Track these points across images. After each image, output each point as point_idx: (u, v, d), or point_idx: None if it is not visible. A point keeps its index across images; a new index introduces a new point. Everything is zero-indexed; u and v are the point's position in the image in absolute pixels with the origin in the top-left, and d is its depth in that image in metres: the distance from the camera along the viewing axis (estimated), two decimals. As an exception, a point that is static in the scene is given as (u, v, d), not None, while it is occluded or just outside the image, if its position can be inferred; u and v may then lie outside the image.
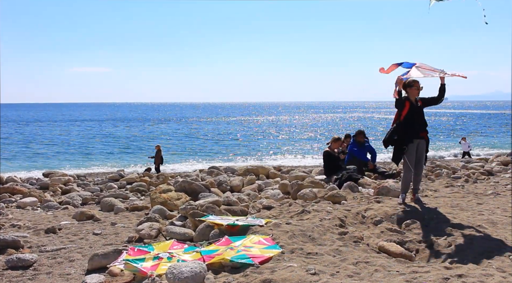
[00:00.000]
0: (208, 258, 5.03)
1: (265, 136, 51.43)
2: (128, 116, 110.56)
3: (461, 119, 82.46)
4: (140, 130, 61.20)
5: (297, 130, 60.41)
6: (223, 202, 8.36)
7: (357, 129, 12.31)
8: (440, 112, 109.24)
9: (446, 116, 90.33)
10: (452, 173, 11.61)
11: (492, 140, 42.42)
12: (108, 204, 10.23)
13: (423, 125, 7.24)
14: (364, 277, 4.30)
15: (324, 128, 63.78)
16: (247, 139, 47.64)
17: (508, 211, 7.00)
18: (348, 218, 6.56)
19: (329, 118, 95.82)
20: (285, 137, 49.84)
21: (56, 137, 48.32)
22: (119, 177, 17.69)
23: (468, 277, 4.14)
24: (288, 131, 59.91)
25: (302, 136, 50.92)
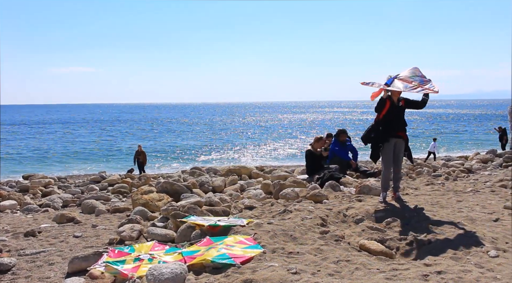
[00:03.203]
0: (190, 259, 5.01)
1: (248, 136, 51.44)
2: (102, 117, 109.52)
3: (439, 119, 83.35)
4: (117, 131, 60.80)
5: (281, 130, 60.52)
6: (205, 202, 8.34)
7: (339, 128, 12.34)
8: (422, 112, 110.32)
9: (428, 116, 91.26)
10: (433, 171, 11.72)
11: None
12: (89, 206, 10.15)
13: (402, 124, 7.31)
14: (344, 275, 4.32)
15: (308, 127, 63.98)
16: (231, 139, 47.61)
17: (487, 208, 7.10)
18: (329, 217, 6.58)
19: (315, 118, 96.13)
20: (269, 137, 49.91)
21: (31, 140, 47.76)
22: (101, 179, 17.56)
23: (447, 274, 4.19)
24: (272, 130, 60.00)
25: (286, 136, 51.04)
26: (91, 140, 47.83)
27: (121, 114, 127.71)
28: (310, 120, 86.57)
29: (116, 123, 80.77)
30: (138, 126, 72.39)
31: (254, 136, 51.68)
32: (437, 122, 71.92)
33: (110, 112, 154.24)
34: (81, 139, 48.47)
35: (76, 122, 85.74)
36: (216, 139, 47.99)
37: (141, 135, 53.50)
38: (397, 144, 7.31)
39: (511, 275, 4.14)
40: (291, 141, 45.45)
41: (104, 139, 49.11)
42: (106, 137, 51.01)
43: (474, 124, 66.31)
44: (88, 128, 67.41)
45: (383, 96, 7.15)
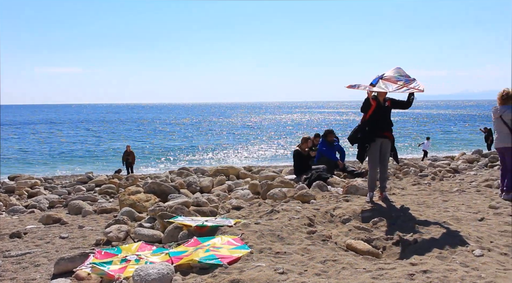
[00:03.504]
0: (177, 260, 4.99)
1: (236, 136, 51.43)
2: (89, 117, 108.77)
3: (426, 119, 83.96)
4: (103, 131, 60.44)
5: (269, 130, 60.59)
6: (193, 203, 8.32)
7: (327, 129, 12.38)
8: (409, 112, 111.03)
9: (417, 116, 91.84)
10: (420, 171, 11.79)
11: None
12: (75, 207, 10.08)
13: (388, 124, 7.36)
14: (331, 275, 4.34)
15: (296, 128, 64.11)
16: (219, 139, 47.57)
17: (472, 207, 7.16)
18: (317, 217, 6.60)
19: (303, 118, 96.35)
20: (257, 137, 49.94)
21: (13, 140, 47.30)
22: (88, 180, 17.46)
23: (433, 273, 4.22)
24: (260, 131, 60.03)
25: (274, 136, 51.10)
26: (77, 140, 47.52)
27: (108, 115, 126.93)
28: (298, 120, 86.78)
29: (103, 124, 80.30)
30: (125, 127, 72.06)
31: (242, 137, 51.67)
32: (424, 123, 72.41)
33: (97, 112, 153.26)
34: (67, 140, 48.12)
35: (62, 123, 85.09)
36: (204, 140, 47.91)
37: (128, 136, 53.25)
38: (383, 144, 7.36)
39: (495, 274, 4.18)
40: (279, 141, 45.52)
41: (90, 139, 48.80)
42: (93, 138, 50.70)
43: (461, 125, 66.88)
44: (73, 129, 66.91)
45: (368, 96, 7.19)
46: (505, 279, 4.06)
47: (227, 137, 51.42)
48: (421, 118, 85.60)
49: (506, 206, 7.05)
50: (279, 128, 66.59)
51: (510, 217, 6.43)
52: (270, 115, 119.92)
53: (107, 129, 67.37)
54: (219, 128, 67.68)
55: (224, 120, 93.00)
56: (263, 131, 59.55)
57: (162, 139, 48.90)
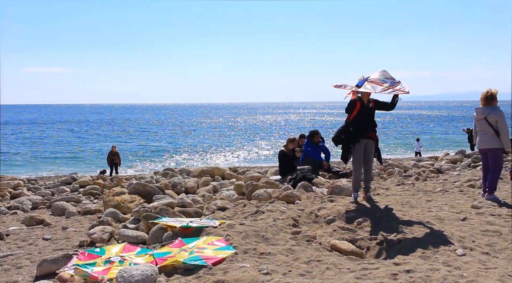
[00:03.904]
0: (161, 261, 4.98)
1: (221, 137, 51.37)
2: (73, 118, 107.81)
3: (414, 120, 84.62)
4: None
5: (254, 131, 60.60)
6: (177, 203, 8.30)
7: (312, 129, 12.41)
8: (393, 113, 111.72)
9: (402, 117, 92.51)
10: (404, 172, 11.90)
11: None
12: (59, 208, 9.99)
13: (372, 125, 7.42)
14: (315, 275, 4.35)
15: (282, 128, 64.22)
16: (204, 140, 47.48)
17: (455, 207, 7.24)
18: (301, 218, 6.61)
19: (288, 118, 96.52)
20: (243, 138, 49.93)
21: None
22: (72, 180, 17.29)
23: (416, 272, 4.25)
24: (245, 131, 60.03)
25: (259, 137, 51.13)
26: (61, 141, 47.11)
27: (92, 115, 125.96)
28: (283, 121, 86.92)
29: (87, 124, 79.68)
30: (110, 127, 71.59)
31: (227, 137, 51.63)
32: (408, 123, 72.97)
33: (82, 113, 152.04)
34: (51, 140, 47.67)
35: (46, 123, 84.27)
36: (189, 140, 47.79)
37: (113, 136, 52.91)
38: (367, 145, 7.41)
39: (477, 273, 4.23)
40: (265, 142, 45.57)
41: (75, 140, 48.40)
42: (77, 138, 50.28)
43: (444, 125, 67.50)
44: (58, 129, 66.27)
45: (353, 98, 7.23)
46: (487, 278, 4.11)
47: (212, 137, 51.34)
48: (405, 119, 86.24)
49: (488, 206, 7.13)
50: (264, 128, 66.64)
51: (492, 216, 6.52)
52: (255, 115, 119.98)
53: (92, 129, 66.85)
54: (204, 128, 67.56)
55: (209, 120, 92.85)
56: (248, 132, 59.56)
57: (147, 140, 48.68)
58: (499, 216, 6.53)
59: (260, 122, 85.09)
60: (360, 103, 7.23)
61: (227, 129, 66.84)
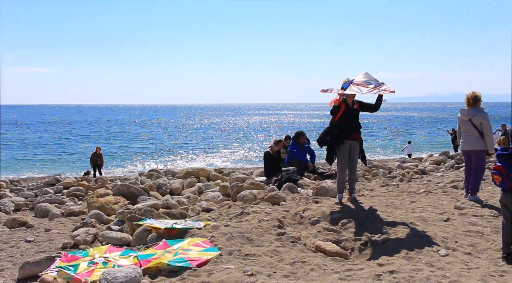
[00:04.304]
0: (145, 263, 4.94)
1: (207, 138, 51.28)
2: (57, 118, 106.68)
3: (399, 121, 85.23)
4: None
5: (240, 132, 60.58)
6: (162, 205, 8.27)
7: (298, 131, 12.42)
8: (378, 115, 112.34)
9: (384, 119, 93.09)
10: (388, 173, 11.98)
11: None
12: (42, 209, 9.88)
13: (357, 127, 7.46)
14: (300, 276, 4.36)
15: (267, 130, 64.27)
16: (190, 141, 47.36)
17: (439, 208, 7.30)
18: (286, 219, 6.63)
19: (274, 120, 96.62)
20: (228, 139, 49.89)
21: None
22: (56, 182, 17.10)
23: (399, 273, 4.29)
24: (231, 132, 60.00)
25: (245, 138, 51.13)
26: (45, 141, 46.62)
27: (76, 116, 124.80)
28: (269, 122, 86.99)
29: (71, 125, 78.95)
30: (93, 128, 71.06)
31: (213, 138, 51.52)
32: (393, 125, 73.47)
33: (65, 113, 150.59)
34: (34, 141, 47.15)
35: (28, 123, 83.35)
36: (174, 141, 47.60)
37: (97, 137, 52.52)
38: (352, 146, 7.44)
39: (459, 273, 4.28)
40: (250, 143, 45.56)
41: (58, 141, 47.94)
42: (61, 139, 49.80)
43: (429, 127, 68.07)
44: (40, 130, 65.54)
45: (337, 103, 7.26)
46: (469, 278, 4.15)
47: (198, 138, 51.21)
48: (390, 121, 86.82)
49: (470, 207, 7.21)
50: (250, 130, 66.64)
51: (474, 217, 6.59)
52: (240, 116, 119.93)
53: (75, 130, 66.22)
54: (190, 129, 67.34)
55: (195, 121, 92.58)
56: (234, 133, 59.50)
57: (132, 141, 48.38)
58: (482, 217, 6.61)
59: (245, 123, 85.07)
60: (345, 104, 7.27)
61: (212, 130, 66.72)
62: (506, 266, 4.64)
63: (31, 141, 46.52)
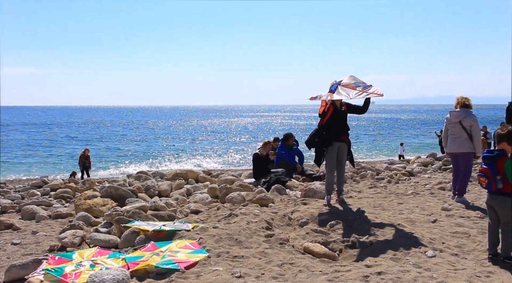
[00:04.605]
0: (133, 265, 4.93)
1: (195, 140, 51.17)
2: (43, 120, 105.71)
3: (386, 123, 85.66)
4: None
5: (228, 134, 60.53)
6: (150, 207, 8.23)
7: (286, 133, 12.44)
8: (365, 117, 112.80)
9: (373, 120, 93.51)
10: (376, 175, 12.03)
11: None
12: (29, 212, 9.80)
13: (345, 129, 7.49)
14: (288, 278, 4.37)
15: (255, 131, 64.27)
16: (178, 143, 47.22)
17: (426, 209, 7.35)
18: (274, 221, 6.63)
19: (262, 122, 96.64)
20: (217, 141, 49.82)
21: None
22: (43, 184, 16.97)
23: (387, 274, 4.31)
24: (219, 134, 59.92)
25: (233, 140, 51.09)
26: (31, 143, 46.23)
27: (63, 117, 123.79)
28: (257, 124, 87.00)
29: (58, 126, 78.34)
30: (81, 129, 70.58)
31: (201, 140, 51.43)
32: (381, 127, 73.83)
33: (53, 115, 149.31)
34: (21, 142, 46.72)
35: (15, 124, 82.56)
36: (162, 143, 47.45)
37: (85, 139, 52.18)
38: (340, 148, 7.47)
39: (446, 274, 4.31)
40: (239, 145, 45.53)
41: (45, 142, 47.55)
42: (48, 141, 49.39)
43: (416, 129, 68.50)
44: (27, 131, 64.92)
45: (326, 102, 7.29)
46: (455, 279, 4.19)
47: (186, 140, 51.08)
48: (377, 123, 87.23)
49: (457, 208, 7.27)
50: (239, 131, 66.59)
51: (461, 218, 6.64)
52: (228, 118, 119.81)
53: (62, 131, 65.68)
54: (178, 131, 67.14)
55: (183, 123, 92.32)
56: (223, 135, 59.44)
57: (119, 142, 48.14)
58: (468, 218, 6.66)
59: (233, 125, 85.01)
60: (333, 107, 7.30)
61: (201, 131, 66.58)
62: (492, 267, 4.68)
63: (18, 143, 46.10)
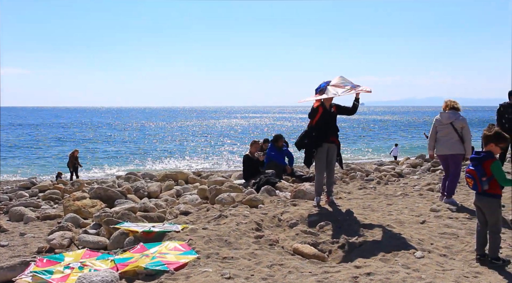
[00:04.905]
0: (122, 266, 4.90)
1: (185, 141, 51.06)
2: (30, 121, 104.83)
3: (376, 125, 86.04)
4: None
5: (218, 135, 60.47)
6: (140, 208, 8.20)
7: (276, 134, 12.45)
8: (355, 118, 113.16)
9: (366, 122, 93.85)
10: (366, 176, 12.08)
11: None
12: (17, 213, 9.73)
13: (334, 130, 7.52)
14: (277, 279, 4.37)
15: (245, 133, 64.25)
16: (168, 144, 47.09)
17: (415, 210, 7.39)
18: (264, 222, 6.64)
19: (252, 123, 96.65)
20: (207, 142, 49.76)
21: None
22: (31, 185, 16.81)
23: (376, 275, 4.33)
24: (209, 135, 59.85)
25: (223, 141, 51.05)
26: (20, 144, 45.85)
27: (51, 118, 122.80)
28: (247, 125, 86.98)
29: (45, 127, 77.73)
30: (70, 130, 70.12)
31: (190, 141, 51.31)
32: (371, 129, 74.12)
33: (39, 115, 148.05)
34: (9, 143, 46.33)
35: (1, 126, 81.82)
36: (152, 144, 47.29)
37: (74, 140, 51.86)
38: (329, 149, 7.49)
39: (435, 275, 4.34)
40: (228, 146, 45.49)
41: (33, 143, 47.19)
42: (36, 142, 49.01)
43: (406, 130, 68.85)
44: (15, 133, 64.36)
45: (316, 105, 7.32)
46: (444, 280, 4.22)
47: (176, 141, 50.94)
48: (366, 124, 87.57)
49: (446, 209, 7.31)
50: (227, 133, 66.53)
51: (449, 219, 6.68)
52: (218, 119, 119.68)
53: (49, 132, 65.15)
54: (167, 132, 66.93)
55: (172, 124, 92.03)
56: (213, 136, 59.35)
57: (108, 143, 47.87)
58: (457, 219, 6.70)
59: (223, 126, 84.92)
60: (322, 108, 7.32)
61: (191, 132, 66.44)
62: (480, 267, 4.72)
63: (5, 144, 45.70)
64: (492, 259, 4.79)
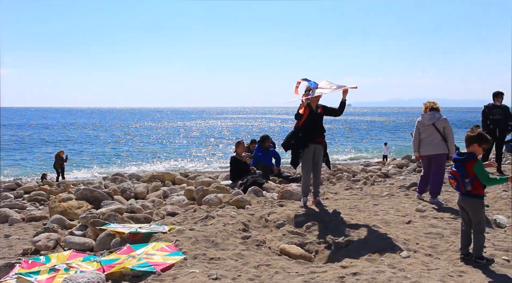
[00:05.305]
0: (108, 268, 4.88)
1: (172, 142, 50.89)
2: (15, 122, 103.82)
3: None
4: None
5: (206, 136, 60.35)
6: (126, 209, 8.18)
7: (263, 135, 12.47)
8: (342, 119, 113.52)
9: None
10: (352, 176, 12.15)
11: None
12: (2, 215, 9.65)
13: (321, 131, 7.55)
14: (264, 279, 4.39)
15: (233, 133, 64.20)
16: (155, 145, 46.91)
17: (401, 211, 7.45)
18: (251, 222, 6.64)
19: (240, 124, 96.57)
20: (194, 143, 49.62)
21: None
22: (16, 186, 16.68)
23: (362, 275, 4.36)
24: (196, 136, 59.70)
25: (211, 141, 50.95)
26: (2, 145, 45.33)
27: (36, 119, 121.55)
28: (235, 126, 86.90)
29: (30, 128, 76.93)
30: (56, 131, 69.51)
31: (177, 142, 51.13)
32: (357, 129, 74.44)
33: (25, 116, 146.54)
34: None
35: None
36: (139, 145, 47.06)
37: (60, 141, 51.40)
38: (316, 150, 7.53)
39: (420, 274, 4.38)
40: (216, 147, 45.40)
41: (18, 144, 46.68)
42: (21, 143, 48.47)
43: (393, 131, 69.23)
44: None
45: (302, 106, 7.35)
46: (429, 279, 4.26)
47: (162, 142, 50.74)
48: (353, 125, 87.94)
49: (431, 209, 7.38)
50: (214, 133, 66.41)
51: (435, 219, 6.75)
52: (205, 120, 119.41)
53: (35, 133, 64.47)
54: (154, 133, 66.63)
55: (158, 125, 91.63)
56: (200, 137, 59.17)
57: (95, 144, 47.53)
58: (442, 219, 6.77)
59: (210, 127, 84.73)
60: (309, 109, 7.35)
61: (177, 133, 66.19)
62: (464, 266, 4.77)
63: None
64: (476, 258, 4.84)
